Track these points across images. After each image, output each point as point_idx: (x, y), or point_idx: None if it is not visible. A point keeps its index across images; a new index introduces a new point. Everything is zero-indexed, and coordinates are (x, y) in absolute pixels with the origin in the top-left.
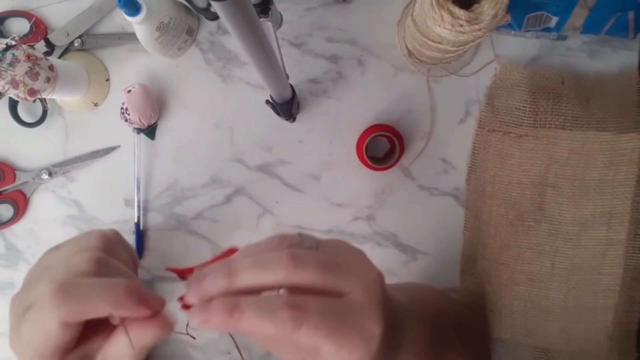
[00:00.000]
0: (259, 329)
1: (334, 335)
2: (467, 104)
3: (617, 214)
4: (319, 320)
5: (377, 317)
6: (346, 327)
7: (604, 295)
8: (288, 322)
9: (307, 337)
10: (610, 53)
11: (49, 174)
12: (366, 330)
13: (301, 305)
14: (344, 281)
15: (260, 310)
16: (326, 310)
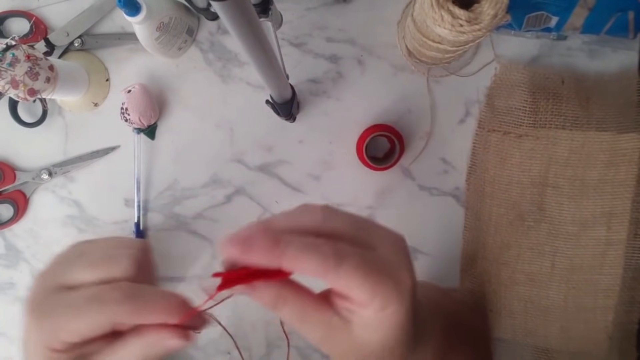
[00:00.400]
0: (302, 262)
1: (371, 279)
2: (467, 104)
3: (617, 214)
4: (359, 261)
5: (408, 269)
6: (382, 274)
7: (604, 295)
8: (331, 258)
9: (346, 276)
10: (610, 53)
11: (49, 174)
12: (400, 282)
13: (342, 247)
14: (374, 235)
15: (304, 244)
16: (365, 256)
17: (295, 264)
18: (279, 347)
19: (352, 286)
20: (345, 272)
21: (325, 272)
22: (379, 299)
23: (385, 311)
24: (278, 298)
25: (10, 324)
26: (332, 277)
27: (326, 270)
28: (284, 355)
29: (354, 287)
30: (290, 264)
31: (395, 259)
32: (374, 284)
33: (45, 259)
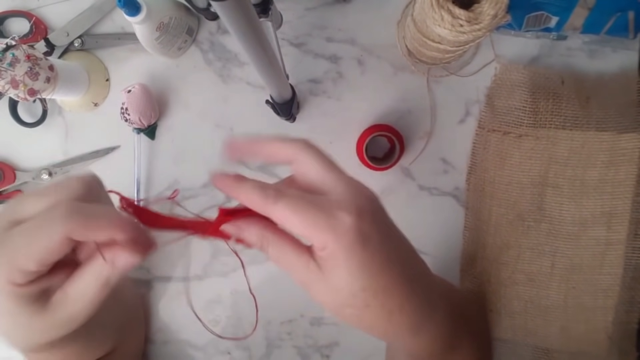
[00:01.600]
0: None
1: (303, 211)
2: (467, 104)
3: (617, 214)
4: (294, 200)
5: (349, 211)
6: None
7: (604, 295)
8: (269, 197)
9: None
10: (610, 53)
11: (49, 174)
12: (335, 218)
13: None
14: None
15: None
16: (302, 196)
17: (245, 199)
18: (279, 347)
19: (287, 222)
20: (280, 208)
21: (265, 207)
22: (315, 234)
23: (327, 250)
24: (262, 238)
25: None
26: (271, 213)
27: (265, 205)
28: (284, 355)
29: (288, 223)
30: (242, 199)
31: (342, 199)
32: (304, 215)
33: None
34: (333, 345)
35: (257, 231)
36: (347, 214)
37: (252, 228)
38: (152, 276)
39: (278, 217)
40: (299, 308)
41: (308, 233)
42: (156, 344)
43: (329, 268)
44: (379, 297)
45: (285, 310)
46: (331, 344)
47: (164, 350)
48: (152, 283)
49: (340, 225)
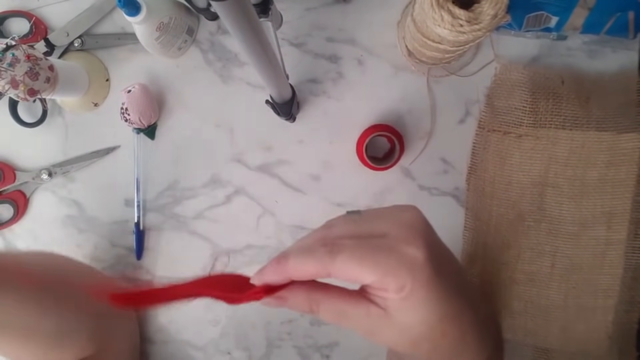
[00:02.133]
0: (303, 268)
1: (370, 262)
2: (467, 104)
3: (617, 214)
4: (352, 250)
5: (417, 245)
6: (383, 255)
7: (604, 295)
8: (325, 256)
9: (344, 267)
10: (610, 53)
11: (49, 174)
12: (406, 255)
13: (336, 242)
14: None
15: (301, 252)
16: (360, 243)
17: (298, 272)
18: (279, 347)
19: (355, 275)
20: (342, 263)
21: (325, 269)
22: (391, 279)
23: (405, 291)
24: (310, 302)
25: None
26: (333, 272)
27: (324, 267)
28: (284, 355)
29: (357, 275)
30: (294, 274)
31: (404, 235)
32: (373, 265)
33: None
34: (333, 345)
35: (303, 297)
36: (416, 249)
37: (298, 296)
38: (152, 276)
39: (341, 272)
40: None
41: (381, 279)
42: (156, 344)
43: (402, 307)
44: (455, 322)
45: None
46: (331, 344)
47: (164, 350)
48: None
49: (414, 262)
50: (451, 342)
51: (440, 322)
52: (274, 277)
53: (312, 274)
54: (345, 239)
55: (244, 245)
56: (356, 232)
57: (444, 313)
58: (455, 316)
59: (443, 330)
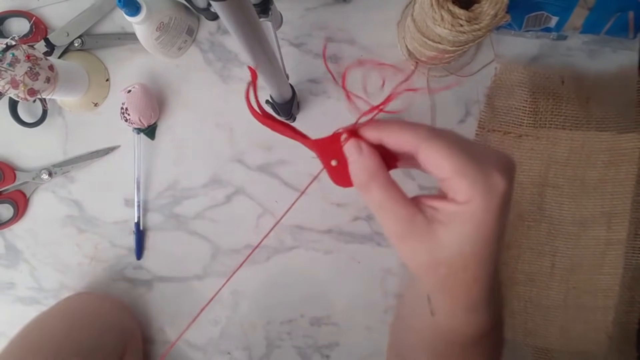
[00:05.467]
0: (400, 134)
1: (461, 156)
2: (467, 104)
3: (617, 214)
4: (451, 142)
5: (505, 178)
6: (474, 158)
7: (604, 295)
8: (425, 133)
9: (436, 149)
10: (610, 53)
11: (49, 174)
12: (493, 177)
13: (438, 130)
14: (479, 147)
15: (403, 122)
16: (459, 141)
17: (393, 135)
18: (279, 347)
19: (441, 161)
20: (436, 145)
21: (418, 145)
22: (466, 184)
23: (469, 204)
24: (374, 174)
25: (10, 324)
26: (424, 150)
27: (419, 143)
28: (284, 355)
29: (442, 162)
30: (387, 136)
31: (498, 162)
32: (460, 163)
33: (45, 259)
34: (333, 345)
35: (374, 164)
36: (502, 178)
37: (371, 158)
38: (152, 276)
39: (429, 154)
40: (299, 308)
41: (459, 179)
42: (156, 344)
43: (451, 223)
44: (479, 264)
45: (285, 310)
46: (331, 344)
47: (164, 350)
48: (152, 283)
49: (494, 185)
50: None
51: (471, 256)
52: (369, 129)
53: (404, 142)
54: (448, 134)
55: (244, 245)
56: (456, 137)
57: (479, 250)
58: (483, 259)
59: (467, 265)
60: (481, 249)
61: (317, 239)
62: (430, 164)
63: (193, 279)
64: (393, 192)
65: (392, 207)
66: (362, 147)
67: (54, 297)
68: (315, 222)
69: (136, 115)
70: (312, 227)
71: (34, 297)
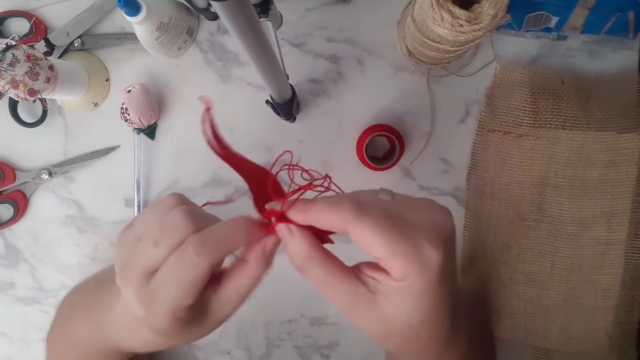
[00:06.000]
0: (326, 216)
1: (389, 237)
2: (467, 104)
3: (617, 214)
4: (379, 219)
5: (437, 248)
6: (404, 235)
7: (604, 295)
8: (350, 212)
9: (364, 230)
10: (610, 53)
11: (49, 174)
12: (424, 251)
13: (365, 205)
14: (410, 213)
15: (328, 202)
16: (387, 214)
17: (320, 217)
18: (279, 347)
19: (371, 242)
20: (363, 226)
21: (344, 225)
22: (399, 262)
23: (405, 281)
24: (308, 257)
25: (10, 324)
26: (352, 231)
27: (345, 223)
28: (284, 355)
29: (372, 243)
30: (314, 217)
31: (428, 230)
32: (390, 242)
33: (45, 259)
34: (333, 345)
35: (305, 246)
36: (434, 250)
37: (302, 241)
38: None
39: (358, 235)
40: (299, 308)
41: (391, 258)
42: None
43: (393, 297)
44: (434, 329)
45: (285, 310)
46: (331, 344)
47: (164, 350)
48: None
49: (428, 260)
50: (419, 345)
51: (420, 324)
52: (295, 213)
53: (331, 225)
54: (375, 208)
55: None
56: (386, 208)
57: (427, 318)
58: (435, 325)
59: (418, 333)
60: (429, 318)
61: None
62: (361, 244)
63: None
64: (331, 268)
65: (333, 283)
66: (292, 230)
67: (54, 297)
68: None
69: (136, 115)
70: None
71: (34, 297)
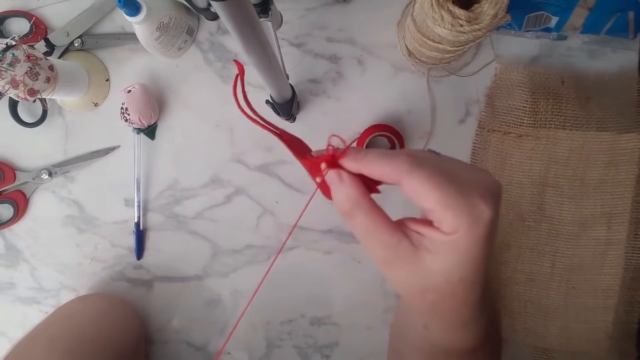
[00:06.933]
0: (379, 166)
1: (444, 189)
2: (467, 104)
3: (617, 214)
4: (433, 172)
5: (490, 205)
6: (458, 189)
7: (604, 295)
8: (405, 164)
9: (417, 181)
10: (610, 53)
11: (49, 174)
12: (477, 206)
13: (420, 158)
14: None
15: (382, 153)
16: (441, 170)
17: (372, 167)
18: (279, 347)
19: (423, 193)
20: (417, 177)
21: (398, 176)
22: (451, 216)
23: (455, 235)
24: (356, 204)
25: (10, 324)
26: (405, 182)
27: (399, 174)
28: (284, 356)
29: (424, 194)
30: (366, 167)
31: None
32: (445, 194)
33: (45, 259)
34: (333, 345)
35: (355, 192)
36: (486, 206)
37: (352, 188)
38: (152, 276)
39: (413, 187)
40: (299, 308)
41: (443, 210)
42: (156, 344)
43: (438, 252)
44: (467, 290)
45: (285, 310)
46: (331, 344)
47: (164, 350)
48: (152, 283)
49: (479, 215)
50: (450, 307)
51: (458, 282)
52: (348, 161)
53: (384, 175)
54: (429, 161)
55: (244, 245)
56: (439, 164)
57: (466, 276)
58: (472, 285)
59: (454, 291)
60: (468, 277)
61: (318, 239)
62: (414, 196)
63: (193, 279)
64: (377, 218)
65: (377, 233)
66: (342, 176)
67: (54, 297)
68: (315, 222)
69: (136, 115)
70: (312, 227)
71: (34, 297)
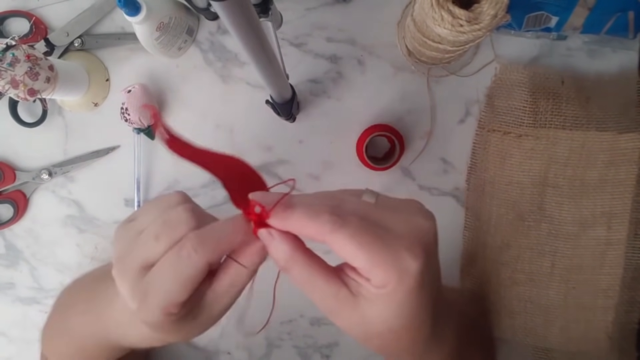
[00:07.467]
0: (304, 227)
1: (367, 248)
2: (467, 104)
3: (617, 214)
4: (356, 230)
5: (417, 254)
6: (383, 245)
7: (604, 295)
8: (327, 224)
9: (341, 242)
10: (610, 53)
11: (49, 174)
12: (402, 260)
13: (344, 215)
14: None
15: (308, 212)
16: (366, 227)
17: (297, 228)
18: (279, 347)
19: (348, 254)
20: (340, 238)
21: (322, 236)
22: (379, 272)
23: (386, 289)
24: (290, 260)
25: (10, 324)
26: (329, 242)
27: (323, 235)
28: (284, 355)
29: (350, 254)
30: (292, 227)
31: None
32: (369, 253)
33: (45, 259)
34: (333, 345)
35: (287, 248)
36: (413, 259)
37: (283, 244)
38: None
39: (337, 247)
40: (299, 308)
41: (370, 268)
42: None
43: (374, 302)
44: (414, 333)
45: (285, 310)
46: (331, 344)
47: (164, 350)
48: None
49: (406, 268)
50: (401, 348)
51: (401, 329)
52: (274, 220)
53: (309, 235)
54: (354, 217)
55: None
56: (366, 215)
57: (408, 323)
58: (415, 329)
59: (399, 337)
60: (409, 322)
61: None
62: (341, 255)
63: None
64: (313, 270)
65: (315, 284)
66: (272, 233)
67: (54, 297)
68: None
69: (136, 115)
70: None
71: (34, 297)
